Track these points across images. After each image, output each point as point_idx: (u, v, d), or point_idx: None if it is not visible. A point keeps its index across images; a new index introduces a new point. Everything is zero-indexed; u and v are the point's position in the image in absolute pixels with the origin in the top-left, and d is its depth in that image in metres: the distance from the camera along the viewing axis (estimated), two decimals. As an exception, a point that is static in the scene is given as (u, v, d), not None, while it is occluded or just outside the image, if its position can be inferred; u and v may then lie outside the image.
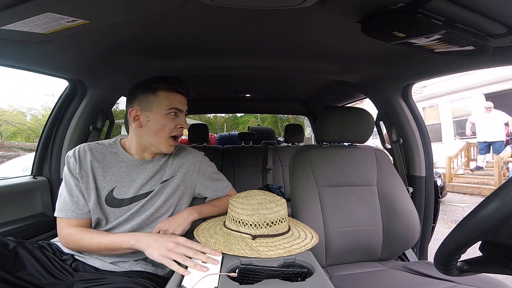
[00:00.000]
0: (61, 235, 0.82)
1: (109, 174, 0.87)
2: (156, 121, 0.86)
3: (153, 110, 0.86)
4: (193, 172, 0.98)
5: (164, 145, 0.89)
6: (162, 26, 0.91)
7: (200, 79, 1.84)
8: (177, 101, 0.88)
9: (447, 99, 8.72)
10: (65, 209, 0.82)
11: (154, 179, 0.91)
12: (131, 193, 0.87)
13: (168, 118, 0.87)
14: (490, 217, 0.44)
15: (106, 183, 0.86)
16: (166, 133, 0.87)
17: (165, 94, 0.86)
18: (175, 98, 0.88)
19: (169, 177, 0.93)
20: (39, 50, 0.91)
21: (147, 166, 0.91)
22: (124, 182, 0.88)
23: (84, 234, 0.80)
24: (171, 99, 0.87)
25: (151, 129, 0.87)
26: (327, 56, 1.22)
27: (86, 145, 0.89)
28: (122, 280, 0.76)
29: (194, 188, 1.00)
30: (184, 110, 0.91)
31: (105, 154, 0.89)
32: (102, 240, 0.78)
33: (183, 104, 0.91)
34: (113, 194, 0.86)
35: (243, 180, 2.47)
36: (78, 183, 0.83)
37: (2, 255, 0.70)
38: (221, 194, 1.04)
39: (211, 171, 1.04)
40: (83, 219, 0.83)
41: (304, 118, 8.37)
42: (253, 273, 0.60)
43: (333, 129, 1.22)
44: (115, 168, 0.88)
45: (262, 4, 0.71)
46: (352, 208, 1.13)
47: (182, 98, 0.91)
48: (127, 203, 0.87)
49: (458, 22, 0.65)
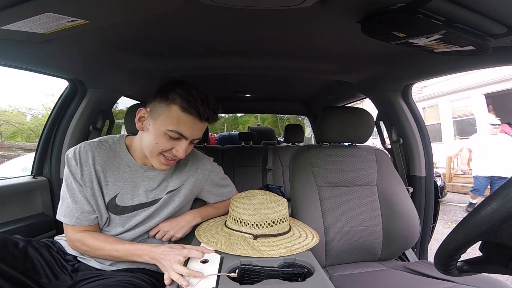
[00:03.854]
0: (69, 239, 0.80)
1: (111, 179, 0.81)
2: (153, 133, 0.75)
3: (158, 121, 0.74)
4: (202, 180, 0.93)
5: (155, 162, 0.79)
6: (162, 26, 0.91)
7: (200, 79, 1.84)
8: (187, 126, 0.73)
9: (447, 99, 8.72)
10: (69, 215, 0.77)
11: (160, 188, 0.85)
12: (135, 201, 0.83)
13: (165, 137, 0.74)
14: (490, 217, 0.43)
15: (109, 189, 0.81)
16: (156, 151, 0.76)
17: (179, 111, 0.72)
18: (186, 121, 0.73)
19: (176, 186, 0.87)
20: (39, 50, 0.91)
21: (152, 173, 0.84)
22: (128, 189, 0.82)
23: (93, 241, 0.77)
24: (181, 120, 0.73)
25: (147, 139, 0.77)
26: (327, 56, 1.22)
27: (87, 144, 0.80)
28: (122, 275, 0.77)
29: (199, 193, 0.98)
30: (190, 138, 0.76)
31: (109, 156, 0.81)
32: (113, 251, 0.76)
33: (194, 130, 0.75)
34: (116, 201, 0.81)
35: (243, 180, 2.47)
36: (82, 189, 0.77)
37: (13, 254, 0.69)
38: (224, 199, 1.02)
39: (219, 177, 1.00)
40: (90, 225, 0.80)
41: (304, 118, 8.38)
42: (253, 273, 0.60)
43: (333, 129, 1.22)
44: (118, 172, 0.81)
45: (262, 4, 0.71)
46: (352, 208, 1.13)
47: (197, 123, 0.74)
48: (130, 210, 0.82)
49: (458, 22, 0.65)
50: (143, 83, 1.47)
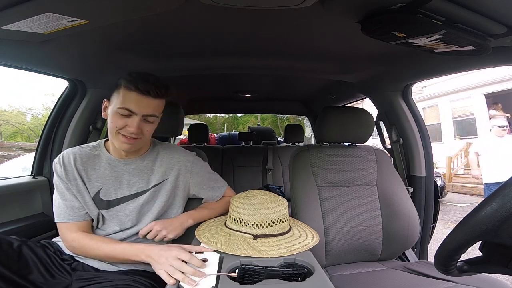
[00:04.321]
0: (65, 240, 0.82)
1: (93, 176, 0.85)
2: (110, 116, 0.82)
3: (112, 105, 0.82)
4: (186, 173, 0.95)
5: (116, 141, 0.83)
6: (162, 26, 0.91)
7: (200, 79, 1.84)
8: (132, 101, 0.79)
9: (447, 99, 8.73)
10: (61, 214, 0.82)
11: (142, 181, 0.88)
12: (118, 194, 0.86)
13: (117, 116, 0.80)
14: (490, 217, 0.43)
15: (92, 185, 0.85)
16: (113, 130, 0.81)
17: (123, 91, 0.79)
18: (131, 97, 0.79)
19: (160, 180, 0.90)
20: (39, 50, 0.91)
21: (131, 165, 0.89)
22: (110, 183, 0.86)
23: (89, 241, 0.79)
24: (126, 98, 0.79)
25: (108, 124, 0.83)
26: (327, 56, 1.22)
27: (69, 150, 0.88)
28: (120, 278, 0.76)
29: (189, 190, 0.97)
30: (139, 113, 0.80)
31: (89, 156, 0.87)
32: (110, 250, 0.77)
33: (140, 106, 0.79)
34: (100, 196, 0.85)
35: (243, 180, 2.48)
36: (69, 187, 0.82)
37: (7, 254, 0.70)
38: (217, 194, 1.01)
39: (205, 170, 1.01)
40: (81, 221, 0.82)
41: (304, 118, 8.37)
42: (253, 273, 0.60)
43: (333, 129, 1.22)
44: (100, 170, 0.86)
45: (262, 4, 0.71)
46: (352, 208, 1.13)
47: (142, 98, 0.79)
48: (115, 204, 0.86)
49: (458, 22, 0.65)
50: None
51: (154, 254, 0.70)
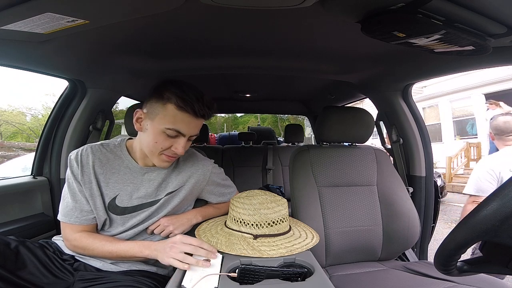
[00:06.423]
0: (67, 239, 0.81)
1: (112, 181, 0.83)
2: (151, 133, 0.77)
3: (155, 121, 0.76)
4: (202, 181, 0.94)
5: (156, 160, 0.80)
6: (162, 26, 0.91)
7: (200, 79, 1.84)
8: (184, 123, 0.75)
9: (447, 99, 8.73)
10: (68, 215, 0.79)
11: (159, 189, 0.86)
12: (134, 202, 0.84)
13: (163, 136, 0.76)
14: (490, 217, 0.43)
15: (109, 191, 0.82)
16: (157, 150, 0.78)
17: (174, 110, 0.74)
18: (183, 119, 0.75)
19: (175, 188, 0.88)
20: (39, 50, 0.91)
21: (151, 174, 0.86)
22: (127, 190, 0.83)
23: (92, 240, 0.78)
24: (177, 119, 0.74)
25: (146, 139, 0.79)
26: (327, 56, 1.22)
27: (89, 147, 0.84)
28: (123, 279, 0.76)
29: (200, 194, 0.98)
30: (187, 135, 0.78)
31: (109, 158, 0.84)
32: (114, 248, 0.77)
33: (191, 127, 0.77)
34: (116, 202, 0.82)
35: (243, 180, 2.47)
36: (82, 189, 0.80)
37: (4, 254, 0.70)
38: (224, 199, 1.02)
39: (220, 178, 1.00)
40: (88, 225, 0.81)
41: (304, 118, 8.37)
42: (253, 273, 0.60)
43: (333, 129, 1.22)
44: (119, 174, 0.83)
45: (262, 4, 0.71)
46: (352, 208, 1.13)
47: (193, 120, 0.76)
48: (130, 211, 0.84)
49: (458, 22, 0.65)
50: (143, 83, 1.47)
51: (159, 247, 0.71)
